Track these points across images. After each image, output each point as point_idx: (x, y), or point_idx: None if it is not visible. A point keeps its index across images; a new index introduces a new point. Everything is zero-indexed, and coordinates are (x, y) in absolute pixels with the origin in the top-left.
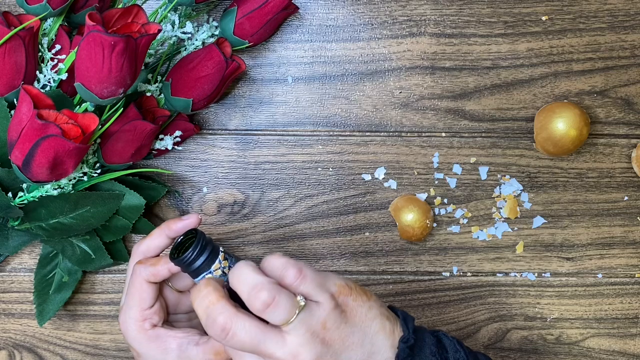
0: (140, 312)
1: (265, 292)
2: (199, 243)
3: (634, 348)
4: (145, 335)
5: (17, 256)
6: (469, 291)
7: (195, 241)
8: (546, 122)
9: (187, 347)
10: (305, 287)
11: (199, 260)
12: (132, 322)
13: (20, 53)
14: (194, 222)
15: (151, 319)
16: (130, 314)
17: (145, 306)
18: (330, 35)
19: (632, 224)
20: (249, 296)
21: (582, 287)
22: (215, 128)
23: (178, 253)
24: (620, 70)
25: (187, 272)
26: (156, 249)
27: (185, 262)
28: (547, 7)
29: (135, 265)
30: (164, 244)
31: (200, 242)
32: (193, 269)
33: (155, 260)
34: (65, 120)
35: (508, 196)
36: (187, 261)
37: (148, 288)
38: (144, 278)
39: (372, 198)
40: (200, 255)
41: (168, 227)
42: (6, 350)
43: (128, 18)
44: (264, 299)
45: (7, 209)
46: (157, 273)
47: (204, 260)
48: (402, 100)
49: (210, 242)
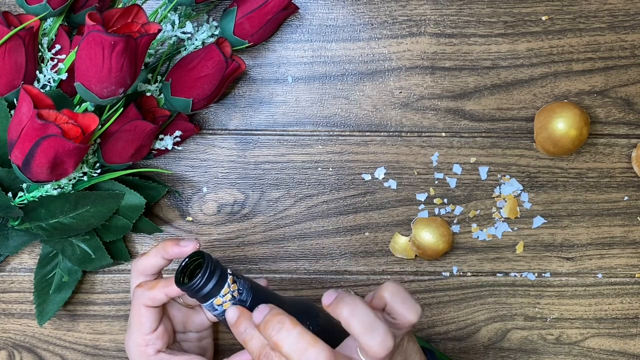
0: (142, 337)
1: (391, 341)
2: (208, 268)
3: (634, 348)
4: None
5: (17, 256)
6: (469, 291)
7: (203, 266)
8: (546, 122)
9: None
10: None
11: (207, 285)
12: (134, 347)
13: (20, 53)
14: (192, 249)
15: (154, 344)
16: (132, 338)
17: (146, 331)
18: (330, 35)
19: (632, 224)
20: (371, 339)
21: (582, 287)
22: (215, 128)
23: (184, 277)
24: (620, 70)
25: (195, 297)
26: (154, 268)
27: (193, 289)
28: (547, 7)
29: (135, 289)
30: (162, 264)
31: (208, 267)
32: (202, 295)
33: (153, 283)
34: (65, 120)
35: (508, 196)
36: (196, 288)
37: (147, 313)
38: (142, 303)
39: (372, 198)
40: (210, 281)
41: (165, 249)
42: (6, 351)
43: (128, 18)
44: (389, 347)
45: (7, 208)
46: (154, 297)
47: (214, 286)
48: (402, 100)
49: (217, 265)
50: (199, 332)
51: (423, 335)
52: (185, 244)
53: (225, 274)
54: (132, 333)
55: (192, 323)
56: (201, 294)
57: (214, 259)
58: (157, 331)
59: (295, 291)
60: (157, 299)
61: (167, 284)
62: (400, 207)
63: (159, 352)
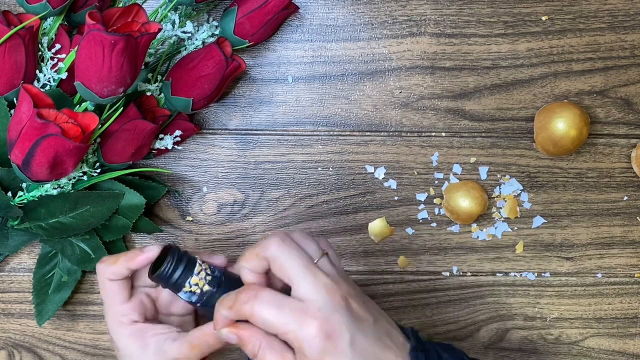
0: (116, 308)
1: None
2: (174, 255)
3: (633, 348)
4: (125, 330)
5: (16, 256)
6: (469, 291)
7: (169, 255)
8: (546, 122)
9: (165, 342)
10: None
11: (176, 272)
12: (111, 318)
13: (20, 52)
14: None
15: (129, 314)
16: (109, 313)
17: (118, 302)
18: (330, 35)
19: (632, 224)
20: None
21: (581, 287)
22: (215, 128)
23: (154, 269)
24: (620, 70)
25: (168, 287)
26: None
27: (163, 277)
28: (547, 7)
29: (97, 265)
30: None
31: (175, 255)
32: (172, 282)
33: (115, 258)
34: (65, 119)
35: (508, 196)
36: (165, 276)
37: (113, 285)
38: (106, 277)
39: (372, 198)
40: (177, 268)
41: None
42: (5, 350)
43: (128, 17)
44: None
45: (7, 208)
46: (117, 271)
47: (182, 272)
48: (402, 100)
49: (185, 254)
50: (182, 317)
51: (423, 335)
52: (149, 249)
53: (193, 261)
54: (107, 306)
55: (176, 306)
56: (171, 281)
57: (182, 250)
58: (131, 302)
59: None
60: (120, 273)
61: (129, 259)
62: (400, 207)
63: (134, 322)
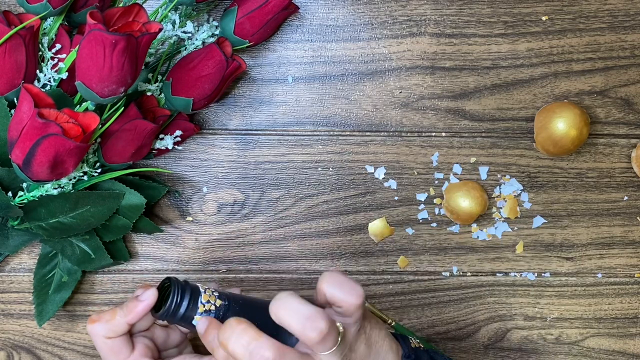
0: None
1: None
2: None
3: (633, 348)
4: None
5: (16, 256)
6: (469, 291)
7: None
8: (546, 122)
9: None
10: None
11: (182, 306)
12: None
13: (21, 52)
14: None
15: None
16: None
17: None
18: (330, 35)
19: (632, 224)
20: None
21: (581, 287)
22: (215, 128)
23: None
24: (620, 70)
25: (175, 322)
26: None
27: (169, 314)
28: (547, 7)
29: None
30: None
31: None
32: (179, 317)
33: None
34: (65, 119)
35: (508, 196)
36: (171, 312)
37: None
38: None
39: (372, 198)
40: (182, 302)
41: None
42: (5, 351)
43: (129, 17)
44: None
45: (7, 208)
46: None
47: (188, 305)
48: (402, 100)
49: (187, 284)
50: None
51: (423, 335)
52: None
53: (197, 290)
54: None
55: (172, 339)
56: (178, 316)
57: (182, 281)
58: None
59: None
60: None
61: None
62: (400, 207)
63: None
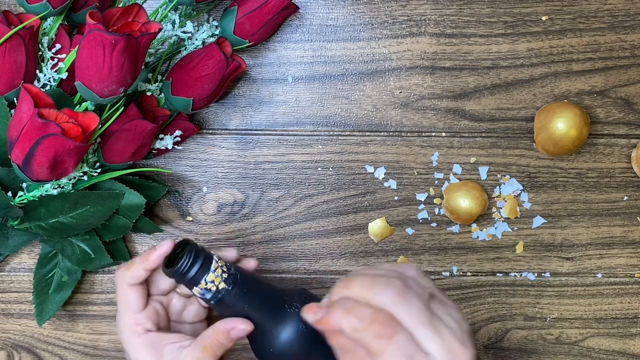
0: (131, 316)
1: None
2: (191, 252)
3: (633, 348)
4: (139, 340)
5: (16, 256)
6: (469, 291)
7: (186, 250)
8: (546, 122)
9: (179, 350)
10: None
11: (192, 269)
12: (125, 327)
13: (21, 52)
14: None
15: (144, 324)
16: (122, 319)
17: (134, 310)
18: (330, 35)
19: (632, 224)
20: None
21: (581, 287)
22: (215, 128)
23: (170, 265)
24: (620, 70)
25: (183, 282)
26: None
27: (179, 273)
28: (547, 7)
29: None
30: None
31: (192, 251)
32: (188, 278)
33: (130, 262)
34: (65, 119)
35: (508, 196)
36: (181, 272)
37: (131, 291)
38: (125, 283)
39: (372, 198)
40: (194, 265)
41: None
42: (5, 351)
43: (128, 17)
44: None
45: (7, 208)
46: (135, 275)
47: (198, 269)
48: (402, 100)
49: (202, 250)
50: (193, 324)
51: None
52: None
53: (210, 257)
54: (122, 314)
55: (188, 313)
56: (187, 277)
57: (199, 245)
58: (146, 310)
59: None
60: (138, 276)
61: (144, 259)
62: (400, 207)
63: (148, 332)
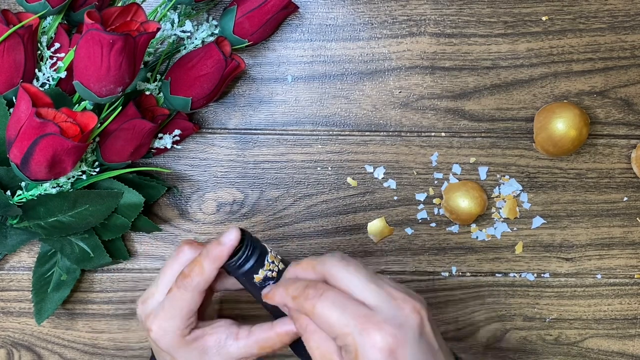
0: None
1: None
2: (247, 246)
3: (632, 349)
4: (184, 342)
5: (15, 255)
6: (468, 291)
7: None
8: (546, 122)
9: (226, 342)
10: None
11: (247, 264)
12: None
13: (19, 51)
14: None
15: (192, 324)
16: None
17: (191, 315)
18: (330, 35)
19: (632, 225)
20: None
21: (581, 288)
22: (214, 127)
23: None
24: (620, 71)
25: (237, 275)
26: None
27: (236, 266)
28: (547, 7)
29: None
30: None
31: (248, 246)
32: (244, 271)
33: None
34: (64, 118)
35: (507, 196)
36: (238, 264)
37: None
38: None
39: (372, 198)
40: (249, 260)
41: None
42: (4, 349)
43: (127, 16)
44: None
45: (6, 207)
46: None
47: (253, 264)
48: (402, 100)
49: (258, 243)
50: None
51: None
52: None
53: (264, 251)
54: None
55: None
56: (241, 271)
57: (254, 236)
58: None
59: None
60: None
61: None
62: (399, 207)
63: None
